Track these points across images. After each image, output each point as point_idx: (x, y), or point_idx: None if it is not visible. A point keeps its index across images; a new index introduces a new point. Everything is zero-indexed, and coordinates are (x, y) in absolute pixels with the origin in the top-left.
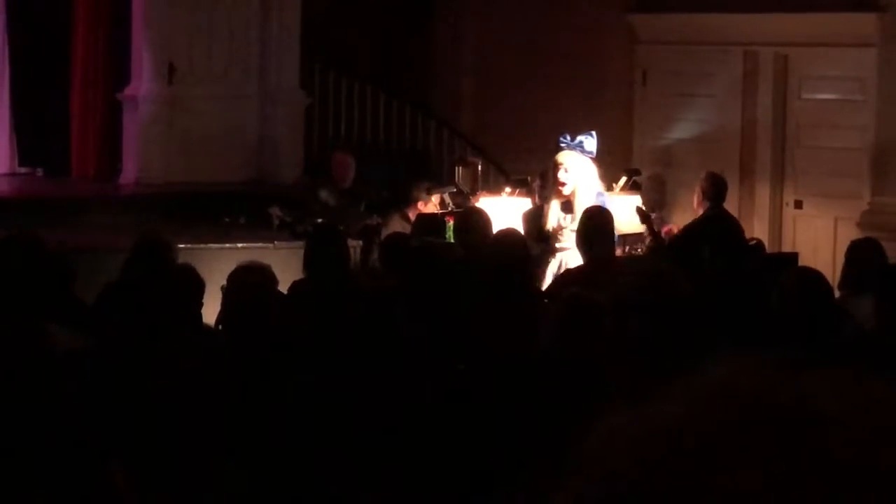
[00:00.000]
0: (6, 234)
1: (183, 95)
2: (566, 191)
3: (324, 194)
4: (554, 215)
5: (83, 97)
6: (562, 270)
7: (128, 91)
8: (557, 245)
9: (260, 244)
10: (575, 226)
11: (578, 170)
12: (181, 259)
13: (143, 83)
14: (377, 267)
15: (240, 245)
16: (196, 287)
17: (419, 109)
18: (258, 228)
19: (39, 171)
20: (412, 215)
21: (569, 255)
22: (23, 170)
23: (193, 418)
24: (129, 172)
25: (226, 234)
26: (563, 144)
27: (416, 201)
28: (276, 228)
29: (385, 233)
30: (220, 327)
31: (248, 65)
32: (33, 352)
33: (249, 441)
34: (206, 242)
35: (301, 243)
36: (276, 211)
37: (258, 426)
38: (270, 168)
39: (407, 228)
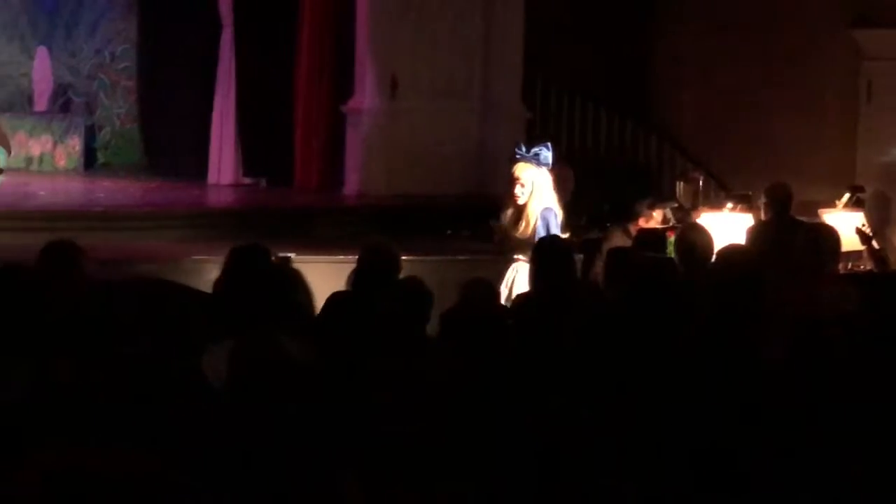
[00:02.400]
0: (232, 245)
1: (405, 108)
2: (520, 202)
3: None
4: (508, 225)
5: (307, 109)
6: (516, 280)
7: (351, 104)
8: (513, 255)
9: (482, 256)
10: (519, 235)
11: (531, 182)
12: (404, 271)
13: (367, 96)
14: (598, 281)
15: (461, 257)
16: (423, 299)
17: (640, 123)
18: (480, 241)
19: (263, 182)
20: (633, 230)
21: (520, 266)
22: (247, 180)
23: (424, 430)
24: (352, 184)
25: (448, 245)
26: (518, 156)
27: (637, 216)
28: (497, 241)
29: (606, 247)
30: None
31: (470, 78)
32: (271, 364)
33: (478, 450)
34: (429, 254)
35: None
36: (497, 223)
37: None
38: (491, 181)
39: (628, 243)
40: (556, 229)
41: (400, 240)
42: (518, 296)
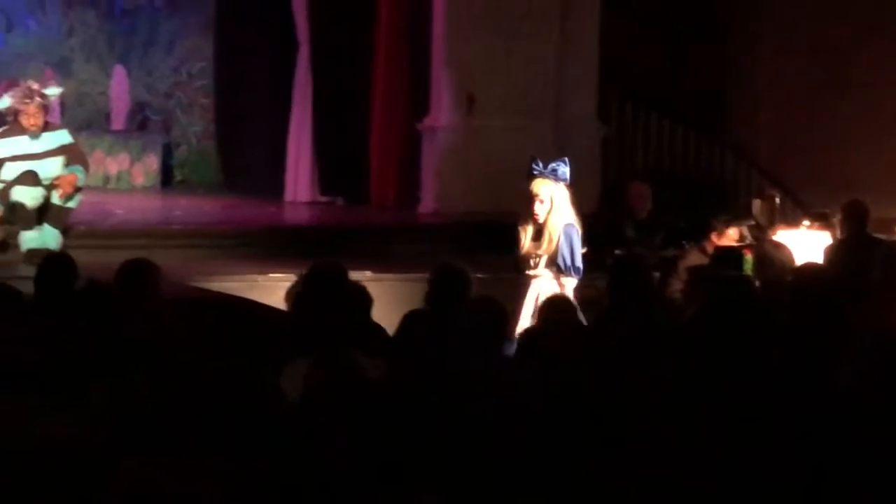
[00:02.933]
0: (309, 263)
1: (481, 125)
2: (539, 219)
3: (622, 225)
4: (527, 242)
5: (383, 127)
6: (539, 298)
7: (427, 121)
8: (530, 272)
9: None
10: (541, 252)
11: (550, 198)
12: (479, 289)
13: (443, 113)
14: (675, 299)
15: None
16: (498, 317)
17: (716, 140)
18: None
19: (340, 200)
20: (709, 248)
21: (542, 283)
22: (324, 199)
23: (502, 449)
24: (428, 202)
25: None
26: (535, 172)
27: (713, 233)
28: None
29: (682, 265)
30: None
31: (546, 95)
32: (347, 381)
33: (557, 469)
34: (504, 272)
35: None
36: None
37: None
38: None
39: (704, 261)
40: (578, 245)
41: (475, 257)
42: (598, 313)
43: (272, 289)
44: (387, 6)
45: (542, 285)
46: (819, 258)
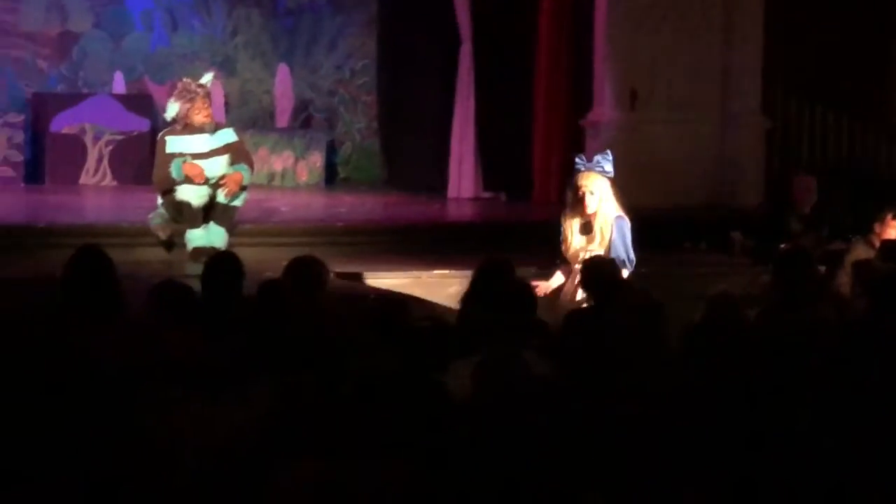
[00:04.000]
0: (480, 260)
1: (644, 120)
2: (590, 210)
3: (787, 219)
4: (575, 237)
5: (546, 123)
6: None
7: (590, 117)
8: (576, 267)
9: (720, 269)
10: (594, 247)
11: (599, 191)
12: (643, 283)
13: (606, 109)
14: (842, 293)
15: (700, 270)
16: (657, 313)
17: (882, 132)
18: (719, 253)
19: (503, 196)
20: (876, 241)
21: None
22: (487, 194)
23: (668, 445)
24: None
25: (687, 258)
26: (580, 166)
27: (881, 227)
28: (737, 253)
29: (848, 259)
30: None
31: (709, 89)
32: (515, 380)
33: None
34: (668, 267)
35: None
36: (737, 235)
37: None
38: (730, 192)
39: (871, 254)
40: (629, 237)
41: (638, 253)
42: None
43: (436, 285)
44: (549, 2)
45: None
46: None
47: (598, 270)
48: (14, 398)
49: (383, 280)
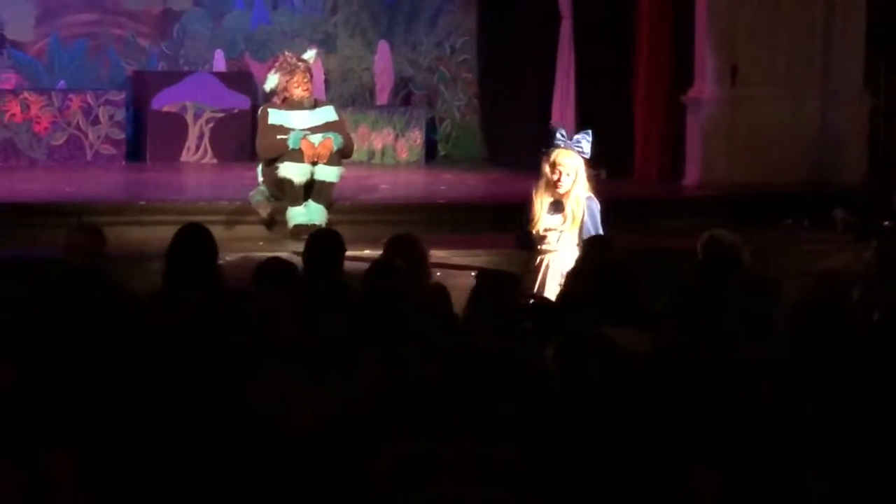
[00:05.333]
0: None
1: (746, 96)
2: (561, 190)
3: (890, 196)
4: (545, 216)
5: (646, 99)
6: (548, 273)
7: (691, 93)
8: (543, 247)
9: (822, 246)
10: (565, 227)
11: (575, 172)
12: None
13: (707, 85)
14: None
15: (803, 247)
16: (772, 294)
17: None
18: (821, 230)
19: (603, 173)
20: None
21: (553, 258)
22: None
23: (775, 424)
24: (692, 174)
25: (789, 235)
26: (559, 142)
27: None
28: (840, 230)
29: None
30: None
31: (811, 64)
32: (598, 359)
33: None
34: (769, 244)
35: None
36: (840, 213)
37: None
38: (832, 169)
39: None
40: (598, 219)
41: (741, 229)
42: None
43: None
44: None
45: (564, 261)
46: None
47: (720, 246)
48: (131, 370)
49: (484, 257)
